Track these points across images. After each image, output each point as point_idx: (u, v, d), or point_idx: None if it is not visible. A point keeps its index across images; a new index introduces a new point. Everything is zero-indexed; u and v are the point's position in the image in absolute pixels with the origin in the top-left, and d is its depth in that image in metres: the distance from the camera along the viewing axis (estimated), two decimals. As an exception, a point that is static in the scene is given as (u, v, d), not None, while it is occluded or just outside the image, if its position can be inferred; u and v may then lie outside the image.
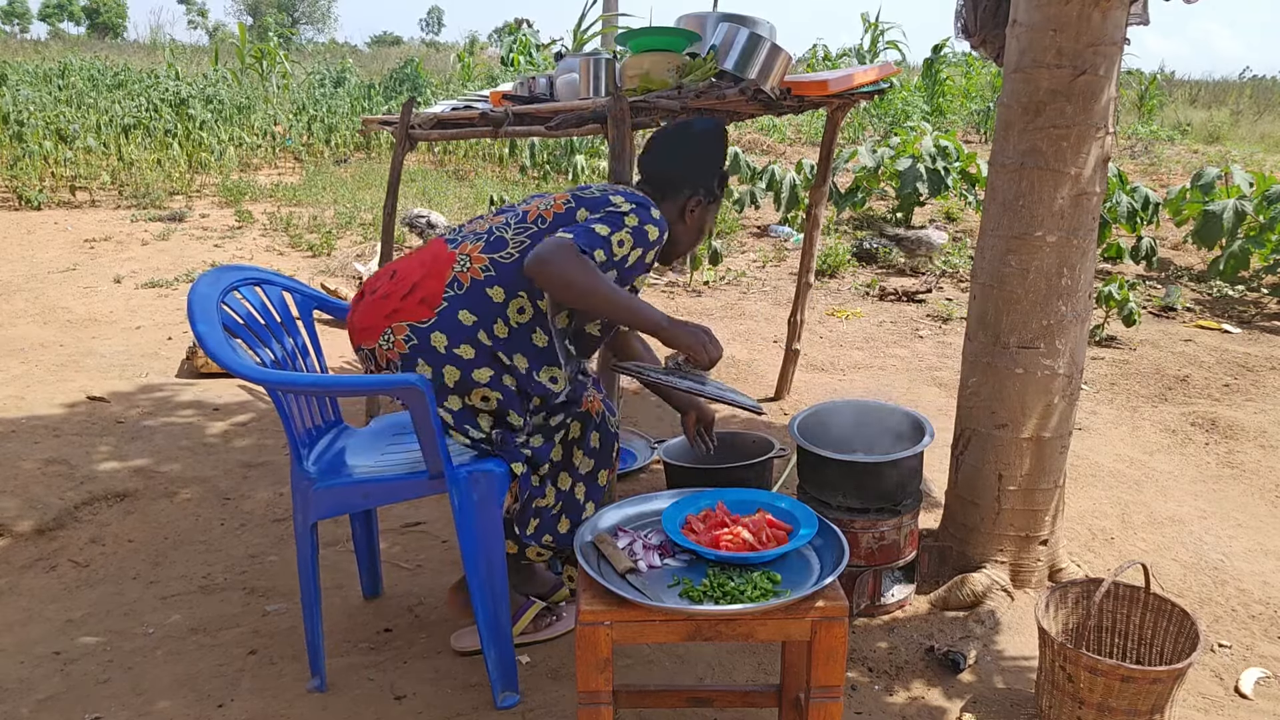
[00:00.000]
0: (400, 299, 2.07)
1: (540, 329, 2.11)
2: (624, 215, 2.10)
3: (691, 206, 2.29)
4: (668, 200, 2.28)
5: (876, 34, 14.50)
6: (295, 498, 2.15)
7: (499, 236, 2.12)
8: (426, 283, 2.08)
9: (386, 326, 2.06)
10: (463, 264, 2.09)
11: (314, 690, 2.18)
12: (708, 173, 2.29)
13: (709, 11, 3.37)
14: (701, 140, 2.30)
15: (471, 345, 2.05)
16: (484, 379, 2.07)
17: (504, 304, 2.07)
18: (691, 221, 2.32)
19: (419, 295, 2.07)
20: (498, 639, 2.10)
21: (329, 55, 19.52)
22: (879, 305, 5.95)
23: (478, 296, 2.06)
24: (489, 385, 2.07)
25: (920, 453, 2.50)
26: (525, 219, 2.15)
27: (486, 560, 2.08)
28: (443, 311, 2.04)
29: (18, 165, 8.03)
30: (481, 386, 2.07)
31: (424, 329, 2.04)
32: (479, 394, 2.08)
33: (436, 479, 2.04)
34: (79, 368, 4.43)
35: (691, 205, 2.29)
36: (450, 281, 2.07)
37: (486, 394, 2.08)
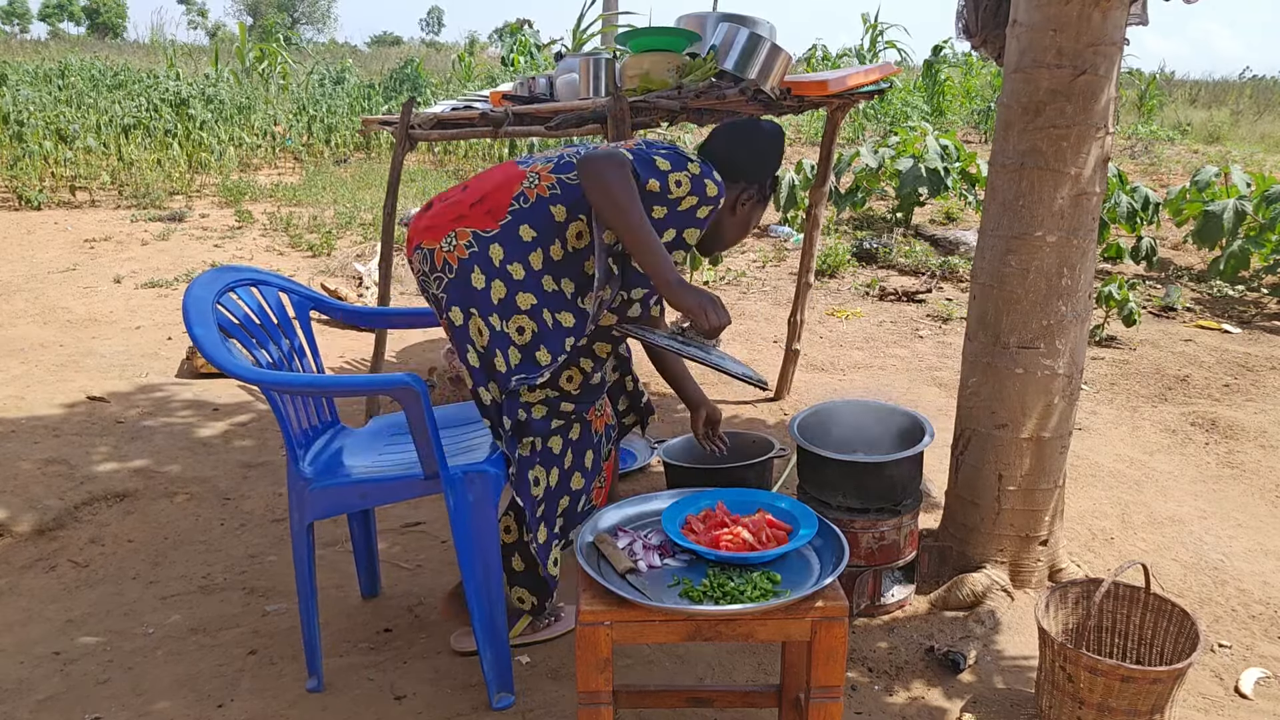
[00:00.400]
0: (469, 207, 2.12)
1: (594, 258, 2.12)
2: (688, 162, 2.11)
3: (744, 200, 2.29)
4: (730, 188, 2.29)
5: (876, 34, 14.50)
6: (291, 498, 2.15)
7: (568, 161, 2.17)
8: (495, 195, 2.12)
9: (452, 230, 2.10)
10: (531, 181, 2.13)
11: (312, 690, 2.18)
12: (765, 171, 2.30)
13: (709, 11, 3.37)
14: (767, 139, 2.31)
15: (523, 266, 2.07)
16: (525, 305, 2.07)
17: (564, 224, 2.09)
18: (740, 215, 2.31)
19: (486, 206, 2.11)
20: (493, 640, 2.10)
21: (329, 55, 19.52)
22: (879, 305, 5.95)
23: (541, 213, 2.09)
24: (528, 313, 2.07)
25: (920, 453, 2.50)
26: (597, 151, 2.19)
27: (482, 561, 2.08)
28: (506, 225, 2.08)
29: (18, 165, 8.03)
30: (521, 314, 2.07)
31: (486, 238, 2.07)
32: (517, 322, 2.07)
33: (432, 479, 2.04)
34: (79, 368, 4.43)
35: (744, 198, 2.30)
36: (517, 195, 2.11)
37: (523, 324, 2.08)
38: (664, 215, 2.09)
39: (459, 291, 2.06)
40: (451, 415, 2.46)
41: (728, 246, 2.39)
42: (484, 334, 2.07)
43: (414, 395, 1.93)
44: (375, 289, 5.46)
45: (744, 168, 2.27)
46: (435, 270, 2.10)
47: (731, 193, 2.26)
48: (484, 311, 2.06)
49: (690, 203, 2.10)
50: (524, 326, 2.08)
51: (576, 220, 2.10)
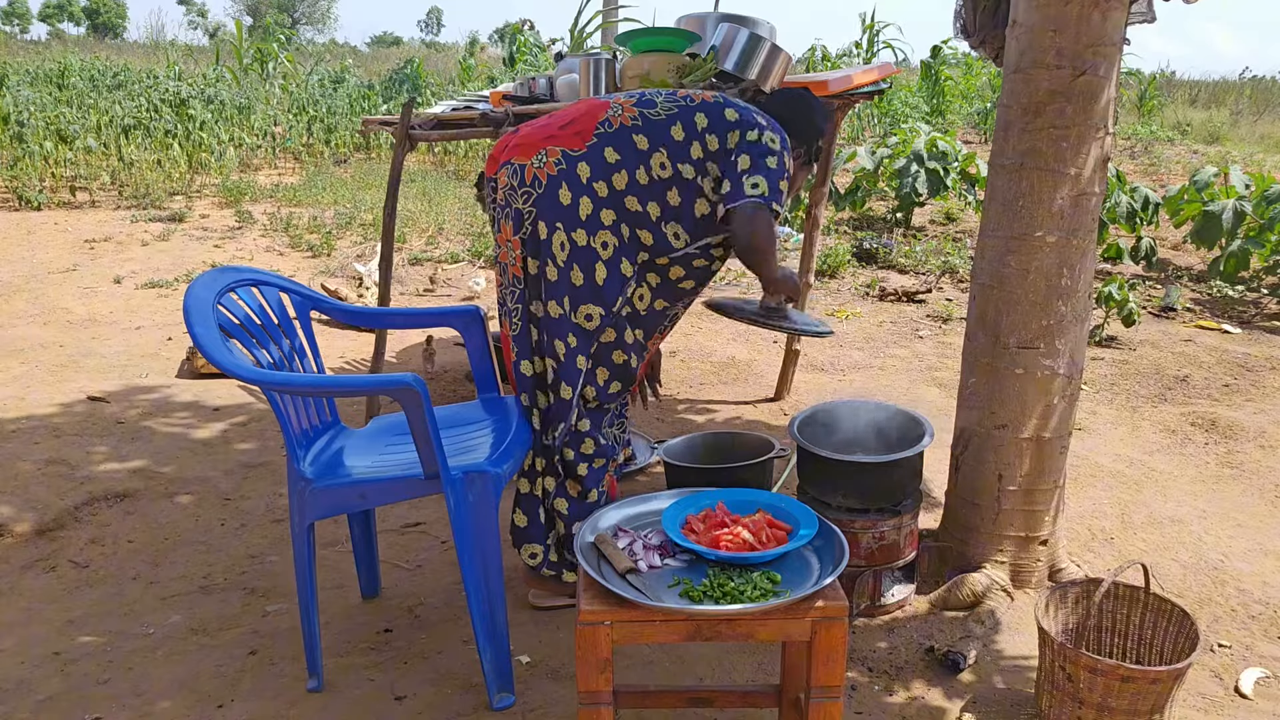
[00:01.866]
0: (558, 128, 2.27)
1: (677, 189, 2.26)
2: (780, 156, 2.26)
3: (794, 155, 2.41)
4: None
5: (873, 34, 14.49)
6: (291, 498, 2.16)
7: (649, 99, 2.31)
8: (582, 119, 2.28)
9: (543, 148, 2.23)
10: (615, 110, 2.28)
11: (313, 690, 2.18)
12: (813, 134, 2.48)
13: (709, 11, 3.37)
14: (818, 106, 2.52)
15: (608, 185, 2.22)
16: (608, 221, 2.23)
17: (646, 153, 2.24)
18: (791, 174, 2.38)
19: (575, 128, 2.26)
20: (493, 640, 2.11)
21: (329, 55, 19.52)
22: (879, 305, 5.95)
23: (624, 140, 2.24)
24: (610, 229, 2.23)
25: (920, 453, 2.50)
26: (675, 94, 2.32)
27: (482, 561, 2.08)
28: (592, 145, 2.22)
29: (18, 166, 8.03)
30: (605, 229, 2.22)
31: (574, 156, 2.22)
32: (601, 237, 2.21)
33: (432, 480, 2.04)
34: (79, 368, 4.43)
35: (794, 154, 2.42)
36: (602, 120, 2.26)
37: (608, 239, 2.23)
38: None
39: (547, 205, 2.20)
40: (452, 415, 2.46)
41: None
42: (566, 248, 2.20)
43: (414, 395, 1.93)
44: (375, 289, 5.46)
45: (798, 129, 2.43)
46: (524, 185, 2.23)
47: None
48: (569, 226, 2.20)
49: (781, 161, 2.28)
50: (607, 242, 2.22)
51: (658, 152, 2.24)
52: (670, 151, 2.23)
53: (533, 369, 2.34)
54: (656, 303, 2.38)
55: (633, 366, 2.41)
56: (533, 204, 2.21)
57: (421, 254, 6.71)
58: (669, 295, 2.40)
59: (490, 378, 2.56)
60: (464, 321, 2.52)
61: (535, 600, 2.53)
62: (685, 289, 2.42)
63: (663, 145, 2.23)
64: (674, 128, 2.24)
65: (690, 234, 2.30)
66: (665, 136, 2.24)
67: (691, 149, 2.24)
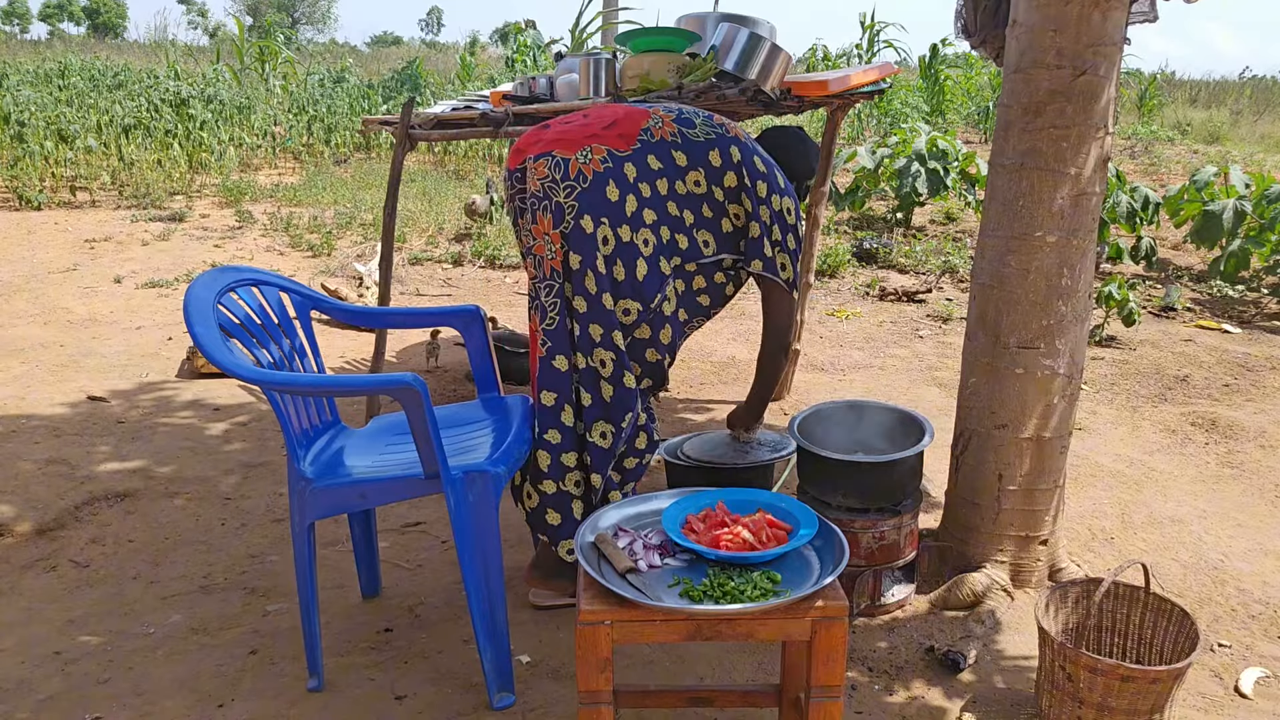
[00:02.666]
0: (601, 129, 2.30)
1: (708, 205, 2.34)
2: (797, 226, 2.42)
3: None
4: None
5: (873, 34, 14.49)
6: (292, 498, 2.16)
7: (687, 118, 2.37)
8: (625, 122, 2.32)
9: (587, 145, 2.26)
10: (656, 121, 2.33)
11: (313, 690, 2.18)
12: (806, 174, 2.64)
13: (709, 11, 3.37)
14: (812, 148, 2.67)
15: (651, 188, 2.27)
16: (650, 220, 2.27)
17: (684, 169, 2.30)
18: None
19: (619, 130, 2.30)
20: (493, 640, 2.11)
21: (329, 55, 19.52)
22: (879, 305, 5.95)
23: (664, 152, 2.29)
24: (651, 228, 2.28)
25: (920, 453, 2.50)
26: (711, 119, 2.39)
27: (482, 561, 2.08)
28: (637, 150, 2.28)
29: (18, 165, 8.03)
30: (646, 228, 2.27)
31: (620, 156, 2.26)
32: (643, 235, 2.26)
33: (432, 479, 2.04)
34: (79, 368, 4.43)
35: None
36: (645, 128, 2.31)
37: (648, 237, 2.27)
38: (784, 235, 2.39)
39: (593, 200, 2.22)
40: (452, 415, 2.46)
41: None
42: (610, 243, 2.23)
43: (415, 395, 1.93)
44: (375, 289, 5.46)
45: (793, 168, 2.57)
46: (568, 179, 2.24)
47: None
48: (615, 221, 2.23)
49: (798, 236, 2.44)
50: (649, 239, 2.26)
51: (695, 170, 2.31)
52: (707, 174, 2.32)
53: (568, 364, 2.29)
54: (680, 311, 2.40)
55: (665, 366, 2.42)
56: (576, 198, 2.21)
57: (421, 254, 6.71)
58: (689, 307, 2.43)
59: (490, 377, 2.56)
60: (464, 321, 2.52)
61: (535, 600, 2.53)
62: (702, 304, 2.46)
63: (700, 166, 2.31)
64: (711, 153, 2.32)
65: (718, 245, 2.38)
66: (703, 159, 2.31)
67: (725, 177, 2.33)
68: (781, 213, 2.37)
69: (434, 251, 6.82)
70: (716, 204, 2.35)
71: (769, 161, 2.40)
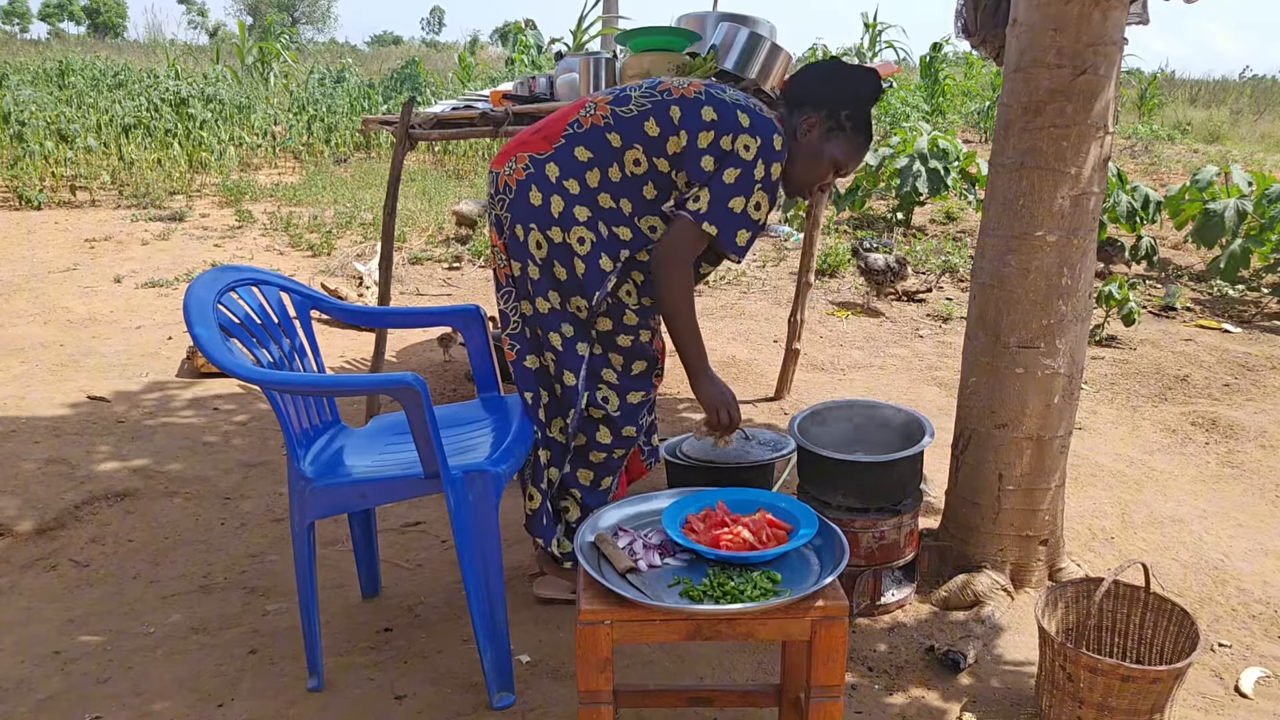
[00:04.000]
0: (530, 134, 2.29)
1: (653, 184, 2.23)
2: (752, 166, 2.13)
3: (807, 127, 2.23)
4: (794, 115, 2.25)
5: (875, 34, 14.49)
6: (292, 498, 2.16)
7: (626, 94, 2.26)
8: (552, 124, 2.28)
9: (514, 155, 2.25)
10: (588, 110, 2.26)
11: (313, 690, 2.18)
12: (840, 98, 2.23)
13: (709, 11, 3.37)
14: (850, 72, 2.28)
15: (579, 183, 2.21)
16: (582, 217, 2.21)
17: (620, 150, 2.21)
18: (806, 144, 2.24)
19: (543, 133, 2.27)
20: (493, 639, 2.11)
21: (329, 55, 19.52)
22: (879, 305, 5.94)
23: (596, 139, 2.21)
24: (586, 224, 2.22)
25: (920, 453, 2.50)
26: (656, 87, 2.26)
27: (482, 560, 2.08)
28: (560, 147, 2.22)
29: (18, 165, 8.02)
30: (580, 225, 2.21)
31: (540, 159, 2.22)
32: (577, 233, 2.21)
33: (432, 479, 2.04)
34: (79, 367, 4.43)
35: (808, 125, 2.23)
36: (572, 122, 2.25)
37: (583, 234, 2.21)
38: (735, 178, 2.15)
39: (519, 209, 2.22)
40: (452, 415, 2.46)
41: (805, 185, 2.31)
42: (543, 247, 2.22)
43: (415, 395, 1.93)
44: (375, 289, 5.46)
45: (810, 92, 2.24)
46: (499, 192, 2.26)
47: (794, 121, 2.24)
48: (543, 225, 2.21)
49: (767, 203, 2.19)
50: (584, 237, 2.22)
51: (632, 149, 2.21)
52: (645, 147, 2.19)
53: (537, 362, 2.36)
54: (644, 299, 2.37)
55: (646, 343, 2.39)
56: (507, 209, 2.24)
57: (421, 253, 6.71)
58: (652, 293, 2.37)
59: (490, 377, 2.56)
60: (464, 321, 2.52)
61: (540, 590, 2.54)
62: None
63: (637, 142, 2.19)
64: (647, 123, 2.18)
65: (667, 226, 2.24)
66: (639, 133, 2.18)
67: (668, 144, 2.18)
68: (732, 152, 2.12)
69: (434, 251, 6.82)
70: (662, 178, 2.21)
71: (727, 105, 2.16)
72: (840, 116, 2.22)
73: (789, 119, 2.25)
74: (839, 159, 2.26)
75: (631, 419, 2.42)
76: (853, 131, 2.25)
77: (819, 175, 2.28)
